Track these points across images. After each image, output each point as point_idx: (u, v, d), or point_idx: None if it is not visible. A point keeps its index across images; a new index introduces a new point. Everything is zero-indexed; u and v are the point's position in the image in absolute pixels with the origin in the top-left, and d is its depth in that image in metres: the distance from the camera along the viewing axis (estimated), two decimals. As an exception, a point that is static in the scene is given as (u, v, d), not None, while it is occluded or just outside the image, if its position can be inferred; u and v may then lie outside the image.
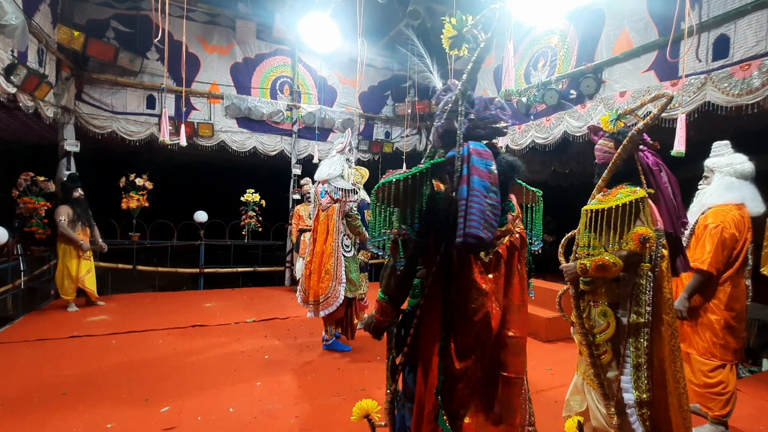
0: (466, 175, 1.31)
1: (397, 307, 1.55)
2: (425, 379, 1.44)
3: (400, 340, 1.57)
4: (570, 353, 4.11)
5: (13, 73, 4.22)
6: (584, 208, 2.05)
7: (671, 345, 1.89)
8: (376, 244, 1.55)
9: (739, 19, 3.78)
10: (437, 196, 1.41)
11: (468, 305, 1.39)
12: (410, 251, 1.45)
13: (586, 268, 1.88)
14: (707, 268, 2.54)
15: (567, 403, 2.22)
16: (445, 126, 1.49)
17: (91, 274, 5.50)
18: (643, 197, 1.87)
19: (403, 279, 1.48)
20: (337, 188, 3.84)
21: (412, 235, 1.41)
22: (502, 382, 1.43)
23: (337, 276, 3.85)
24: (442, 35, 1.47)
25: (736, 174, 2.63)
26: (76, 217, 5.25)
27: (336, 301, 3.83)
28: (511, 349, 1.44)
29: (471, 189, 1.28)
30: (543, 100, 5.62)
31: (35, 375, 3.35)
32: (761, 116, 4.13)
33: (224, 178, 9.94)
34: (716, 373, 2.60)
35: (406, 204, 1.40)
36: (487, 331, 1.39)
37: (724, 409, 2.58)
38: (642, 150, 2.02)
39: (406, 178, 1.37)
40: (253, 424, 2.70)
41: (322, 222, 3.94)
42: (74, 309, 5.31)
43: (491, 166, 1.34)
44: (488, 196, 1.29)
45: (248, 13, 7.12)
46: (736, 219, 2.56)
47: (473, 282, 1.39)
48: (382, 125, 8.52)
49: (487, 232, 1.26)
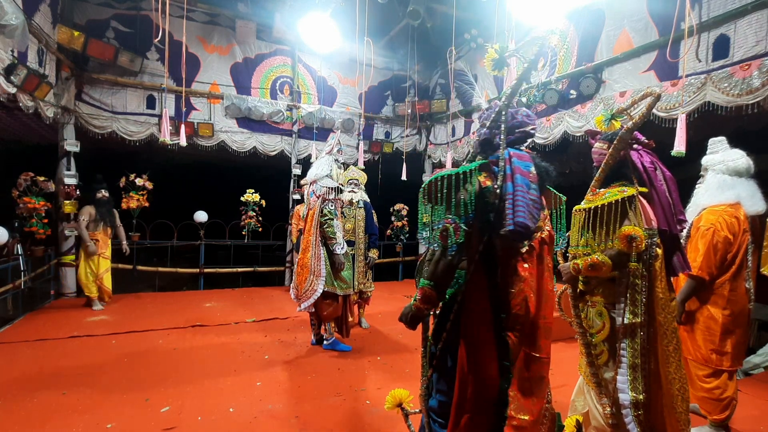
0: (509, 174, 1.50)
1: (441, 293, 1.64)
2: (470, 361, 1.56)
3: (439, 328, 1.70)
4: (570, 353, 4.11)
5: (13, 73, 4.22)
6: (575, 208, 2.06)
7: (664, 345, 1.88)
8: (422, 236, 1.64)
9: (739, 19, 3.78)
10: (484, 191, 1.55)
11: (509, 290, 1.57)
12: (458, 239, 1.55)
13: (579, 268, 1.89)
14: (698, 273, 2.45)
15: (572, 404, 2.21)
16: (486, 135, 1.68)
17: (108, 273, 5.65)
18: (632, 196, 1.85)
19: (451, 265, 1.59)
20: (321, 186, 3.94)
21: (462, 225, 1.53)
22: (534, 362, 1.60)
23: (316, 270, 3.92)
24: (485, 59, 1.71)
25: (729, 171, 2.51)
26: (98, 217, 5.46)
27: (313, 294, 3.88)
28: (543, 332, 1.62)
29: (516, 185, 1.47)
30: (543, 100, 5.62)
31: (35, 375, 3.35)
32: (761, 116, 4.13)
33: (224, 178, 9.93)
34: (712, 380, 2.55)
35: (457, 197, 1.53)
36: (525, 313, 1.56)
37: (722, 413, 2.55)
38: (637, 149, 2.01)
39: (456, 173, 1.53)
40: (253, 424, 2.70)
41: (309, 220, 4.04)
42: (99, 307, 5.42)
43: (531, 168, 1.54)
44: (530, 192, 1.47)
45: (248, 13, 7.11)
46: (730, 221, 2.45)
47: (515, 269, 1.57)
48: (382, 125, 8.52)
49: (532, 222, 1.43)
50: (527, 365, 1.60)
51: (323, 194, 3.92)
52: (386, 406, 1.84)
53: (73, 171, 6.07)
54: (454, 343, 1.63)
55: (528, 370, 1.59)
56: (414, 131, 8.73)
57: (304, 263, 3.98)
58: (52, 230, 5.59)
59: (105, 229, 5.55)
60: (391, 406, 1.83)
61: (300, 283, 3.96)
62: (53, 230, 5.72)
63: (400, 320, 1.71)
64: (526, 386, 1.58)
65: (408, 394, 1.83)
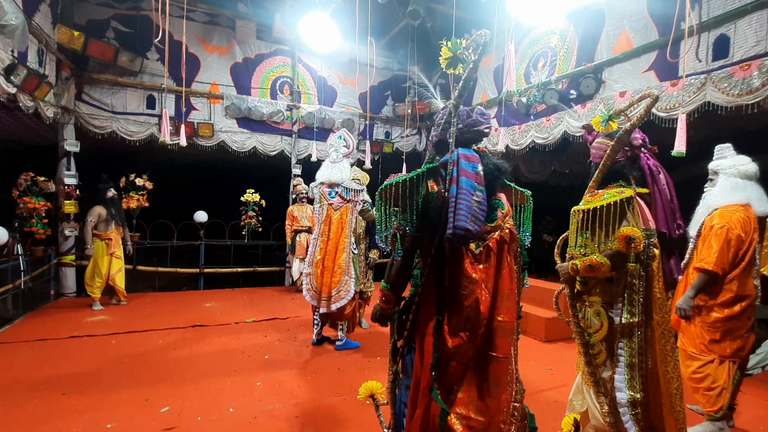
0: (455, 177, 1.50)
1: (398, 295, 1.75)
2: (422, 359, 1.62)
3: (401, 324, 1.76)
4: (570, 353, 4.11)
5: (13, 73, 4.22)
6: (573, 209, 2.06)
7: (661, 345, 1.89)
8: (382, 239, 1.69)
9: (739, 19, 3.78)
10: (431, 196, 1.61)
11: (459, 291, 1.58)
12: (407, 244, 1.66)
13: (577, 268, 1.89)
14: (712, 268, 2.56)
15: (570, 403, 2.22)
16: (439, 136, 1.72)
17: (121, 272, 5.69)
18: (630, 197, 1.87)
19: (401, 269, 1.69)
20: (348, 189, 4.07)
21: (410, 230, 1.61)
22: (491, 361, 1.62)
23: (349, 271, 4.04)
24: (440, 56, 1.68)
25: (740, 175, 2.66)
26: (109, 216, 5.50)
27: (348, 295, 3.99)
28: (499, 332, 1.63)
29: (459, 188, 1.48)
30: (543, 100, 5.62)
31: (35, 375, 3.35)
32: (761, 116, 4.13)
33: (224, 178, 9.93)
34: (704, 369, 2.64)
35: (405, 203, 1.58)
36: (476, 314, 1.57)
37: (714, 405, 2.61)
38: (643, 152, 2.03)
39: (405, 180, 1.58)
40: (253, 424, 2.70)
41: (335, 221, 4.08)
42: (99, 308, 5.41)
43: (477, 168, 1.54)
44: (474, 194, 1.49)
45: (248, 13, 7.12)
46: (742, 219, 2.57)
47: (464, 271, 1.58)
48: (382, 125, 8.52)
49: (474, 225, 1.46)
50: (485, 365, 1.61)
51: (354, 198, 4.08)
52: (359, 397, 1.92)
53: (73, 171, 6.08)
54: (414, 340, 1.70)
55: (486, 369, 1.61)
56: (414, 131, 8.73)
57: (338, 264, 4.01)
58: (52, 230, 5.60)
59: (117, 228, 5.59)
60: (364, 397, 1.91)
61: (334, 284, 3.98)
62: (53, 230, 5.73)
63: (373, 319, 1.82)
64: (483, 386, 1.60)
65: (381, 386, 1.91)
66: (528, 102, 5.89)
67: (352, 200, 4.09)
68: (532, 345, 4.49)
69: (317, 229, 4.15)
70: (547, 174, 8.50)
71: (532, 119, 6.03)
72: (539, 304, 4.98)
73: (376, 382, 1.92)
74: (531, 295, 5.00)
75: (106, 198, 5.50)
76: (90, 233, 5.37)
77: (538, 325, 4.69)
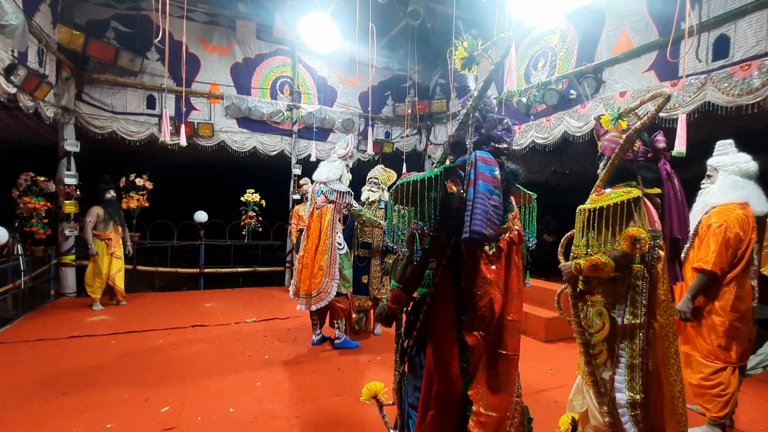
0: (473, 179, 1.50)
1: (410, 295, 1.73)
2: (435, 360, 1.60)
3: (410, 325, 1.75)
4: (570, 353, 4.11)
5: (13, 73, 4.22)
6: (579, 208, 2.05)
7: (665, 347, 1.87)
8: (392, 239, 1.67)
9: (739, 19, 3.78)
10: (450, 196, 1.58)
11: (474, 291, 1.59)
12: (425, 245, 1.63)
13: (581, 268, 1.88)
14: (711, 268, 2.51)
15: (570, 403, 2.22)
16: (457, 137, 1.70)
17: (121, 273, 5.70)
18: (638, 197, 1.84)
19: (417, 269, 1.67)
20: (332, 190, 4.00)
21: (428, 230, 1.59)
22: (501, 359, 1.64)
23: (330, 273, 3.95)
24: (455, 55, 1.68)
25: (741, 173, 2.61)
26: (107, 216, 5.51)
27: (327, 296, 3.93)
28: (510, 330, 1.65)
29: (477, 192, 1.47)
30: (543, 100, 5.62)
31: (35, 375, 3.35)
32: (761, 116, 4.13)
33: (224, 178, 9.93)
34: (717, 376, 2.57)
35: (423, 202, 1.55)
36: (491, 314, 1.59)
37: (722, 410, 2.57)
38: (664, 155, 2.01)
39: (422, 179, 1.54)
40: (253, 424, 2.70)
41: (315, 220, 4.05)
42: (99, 308, 5.43)
43: (495, 172, 1.53)
44: (491, 198, 1.48)
45: (248, 13, 7.11)
46: (740, 218, 2.52)
47: (480, 272, 1.59)
48: (382, 125, 8.52)
49: (489, 230, 1.44)
50: (495, 362, 1.64)
51: (337, 200, 3.98)
52: (362, 398, 1.91)
53: (73, 171, 6.08)
54: (425, 341, 1.68)
55: (496, 367, 1.63)
56: (414, 131, 8.73)
57: (319, 265, 3.93)
58: (52, 230, 5.60)
59: (116, 228, 5.60)
60: (367, 398, 1.90)
61: (314, 285, 3.92)
62: (53, 230, 5.73)
63: (377, 319, 1.79)
64: (494, 383, 1.62)
65: (383, 386, 1.90)
66: (528, 102, 5.89)
67: (335, 201, 4.00)
68: (532, 345, 4.49)
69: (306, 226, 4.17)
70: (547, 174, 8.50)
71: (532, 119, 6.03)
72: (539, 304, 4.98)
73: (379, 383, 1.91)
74: (531, 295, 5.00)
75: (104, 199, 5.52)
76: (90, 233, 5.38)
77: (539, 325, 4.69)
